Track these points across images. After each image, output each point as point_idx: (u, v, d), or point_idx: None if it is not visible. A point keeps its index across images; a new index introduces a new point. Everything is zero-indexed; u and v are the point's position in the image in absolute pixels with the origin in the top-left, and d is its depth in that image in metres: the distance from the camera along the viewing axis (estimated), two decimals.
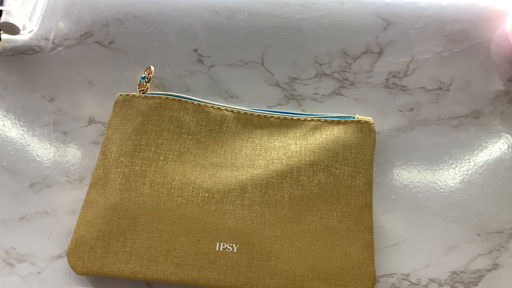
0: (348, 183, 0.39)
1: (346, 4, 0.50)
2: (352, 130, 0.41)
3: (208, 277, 0.36)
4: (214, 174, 0.39)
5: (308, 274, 0.36)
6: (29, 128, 0.44)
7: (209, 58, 0.48)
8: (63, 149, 0.43)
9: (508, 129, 0.44)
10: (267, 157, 0.40)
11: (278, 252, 0.36)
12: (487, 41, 0.48)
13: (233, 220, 0.37)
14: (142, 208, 0.37)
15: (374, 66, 0.47)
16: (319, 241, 0.37)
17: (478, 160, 0.42)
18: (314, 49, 0.48)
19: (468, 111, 0.44)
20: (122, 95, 0.42)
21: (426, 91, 0.45)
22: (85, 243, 0.37)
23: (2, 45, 0.48)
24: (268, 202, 0.38)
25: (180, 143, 0.40)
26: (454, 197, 0.41)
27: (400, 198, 0.41)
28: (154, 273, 0.36)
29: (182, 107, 0.42)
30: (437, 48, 0.48)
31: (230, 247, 0.36)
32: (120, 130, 0.41)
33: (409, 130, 0.44)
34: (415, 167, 0.42)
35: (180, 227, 0.37)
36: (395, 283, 0.38)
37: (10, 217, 0.40)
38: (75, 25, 0.50)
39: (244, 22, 0.50)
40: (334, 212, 0.38)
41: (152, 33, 0.49)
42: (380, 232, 0.39)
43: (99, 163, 0.40)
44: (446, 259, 0.38)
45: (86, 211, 0.38)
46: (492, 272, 0.38)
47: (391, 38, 0.48)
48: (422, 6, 0.50)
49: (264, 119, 0.42)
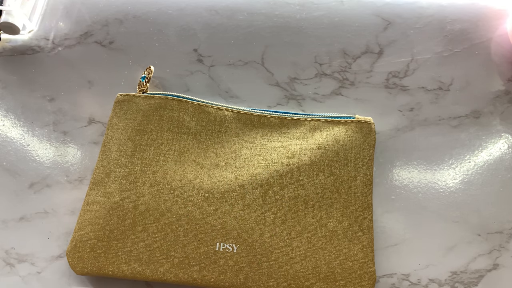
0: (348, 183, 0.39)
1: (346, 4, 0.50)
2: (352, 130, 0.41)
3: (208, 277, 0.36)
4: (214, 174, 0.39)
5: (308, 274, 0.36)
6: (29, 128, 0.44)
7: (209, 58, 0.48)
8: (63, 149, 0.43)
9: (508, 129, 0.44)
10: (267, 157, 0.40)
11: (278, 252, 0.36)
12: (487, 41, 0.48)
13: (233, 220, 0.37)
14: (142, 208, 0.37)
15: (374, 66, 0.47)
16: (319, 241, 0.37)
17: (478, 160, 0.42)
18: (314, 49, 0.48)
19: (468, 111, 0.44)
20: (122, 95, 0.42)
21: (426, 91, 0.45)
22: (85, 243, 0.37)
23: (2, 45, 0.48)
24: (268, 202, 0.38)
25: (180, 143, 0.40)
26: (454, 197, 0.41)
27: (400, 198, 0.41)
28: (154, 273, 0.36)
29: (182, 107, 0.42)
30: (437, 48, 0.48)
31: (230, 247, 0.36)
32: (120, 130, 0.41)
33: (409, 130, 0.44)
34: (415, 167, 0.42)
35: (180, 227, 0.37)
36: (395, 283, 0.38)
37: (10, 217, 0.40)
38: (75, 25, 0.49)
39: (244, 22, 0.50)
40: (334, 212, 0.38)
41: (152, 33, 0.49)
42: (380, 232, 0.39)
43: (99, 163, 0.40)
44: (446, 259, 0.38)
45: (86, 211, 0.38)
46: (492, 272, 0.38)
47: (391, 38, 0.48)
48: (422, 6, 0.50)
49: (264, 119, 0.42)
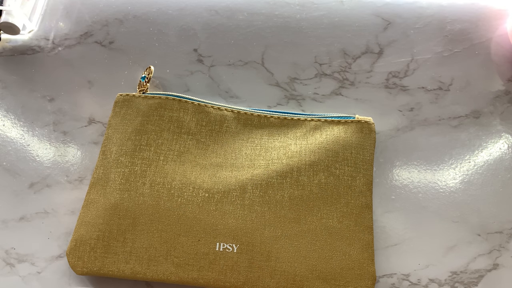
0: (348, 183, 0.39)
1: (346, 4, 0.50)
2: (352, 130, 0.41)
3: (208, 277, 0.36)
4: (214, 174, 0.39)
5: (308, 274, 0.36)
6: (29, 128, 0.44)
7: (209, 58, 0.48)
8: (63, 149, 0.43)
9: (508, 129, 0.44)
10: (267, 157, 0.40)
11: (278, 252, 0.36)
12: (487, 41, 0.48)
13: (233, 220, 0.37)
14: (142, 208, 0.37)
15: (374, 66, 0.47)
16: (319, 241, 0.37)
17: (478, 160, 0.42)
18: (314, 49, 0.48)
19: (468, 111, 0.44)
20: (122, 95, 0.42)
21: (426, 91, 0.45)
22: (85, 243, 0.37)
23: (2, 45, 0.48)
24: (268, 202, 0.38)
25: (180, 143, 0.40)
26: (454, 197, 0.41)
27: (400, 198, 0.41)
28: (154, 273, 0.36)
29: (182, 107, 0.42)
30: (437, 48, 0.48)
31: (230, 247, 0.36)
32: (120, 130, 0.41)
33: (409, 130, 0.44)
34: (415, 167, 0.42)
35: (180, 227, 0.37)
36: (395, 283, 0.38)
37: (10, 217, 0.40)
38: (75, 25, 0.49)
39: (244, 22, 0.50)
40: (334, 212, 0.38)
41: (152, 33, 0.49)
42: (380, 232, 0.39)
43: (99, 163, 0.40)
44: (446, 259, 0.38)
45: (86, 211, 0.38)
46: (492, 272, 0.38)
47: (391, 38, 0.48)
48: (422, 6, 0.50)
49: (264, 119, 0.42)
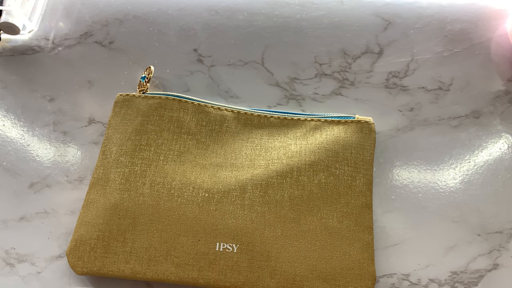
0: (348, 183, 0.39)
1: (346, 4, 0.50)
2: (352, 130, 0.41)
3: (208, 277, 0.36)
4: (214, 174, 0.39)
5: (308, 274, 0.36)
6: (29, 128, 0.44)
7: (209, 58, 0.48)
8: (63, 149, 0.43)
9: (508, 129, 0.44)
10: (267, 157, 0.40)
11: (278, 252, 0.36)
12: (487, 41, 0.48)
13: (233, 220, 0.37)
14: (142, 208, 0.37)
15: (374, 66, 0.47)
16: (319, 241, 0.37)
17: (478, 160, 0.42)
18: (314, 49, 0.48)
19: (468, 111, 0.44)
20: (122, 95, 0.42)
21: (426, 91, 0.45)
22: (85, 243, 0.37)
23: (2, 45, 0.48)
24: (268, 202, 0.38)
25: (180, 143, 0.40)
26: (454, 197, 0.41)
27: (400, 198, 0.41)
28: (154, 273, 0.36)
29: (182, 107, 0.42)
30: (437, 48, 0.48)
31: (230, 247, 0.36)
32: (120, 130, 0.41)
33: (409, 130, 0.44)
34: (415, 167, 0.42)
35: (180, 227, 0.37)
36: (395, 283, 0.38)
37: (10, 217, 0.40)
38: (75, 25, 0.49)
39: (244, 22, 0.49)
40: (334, 212, 0.38)
41: (152, 33, 0.49)
42: (380, 232, 0.39)
43: (99, 163, 0.40)
44: (446, 259, 0.38)
45: (86, 211, 0.38)
46: (492, 272, 0.38)
47: (391, 38, 0.48)
48: (422, 6, 0.50)
49: (264, 119, 0.42)
